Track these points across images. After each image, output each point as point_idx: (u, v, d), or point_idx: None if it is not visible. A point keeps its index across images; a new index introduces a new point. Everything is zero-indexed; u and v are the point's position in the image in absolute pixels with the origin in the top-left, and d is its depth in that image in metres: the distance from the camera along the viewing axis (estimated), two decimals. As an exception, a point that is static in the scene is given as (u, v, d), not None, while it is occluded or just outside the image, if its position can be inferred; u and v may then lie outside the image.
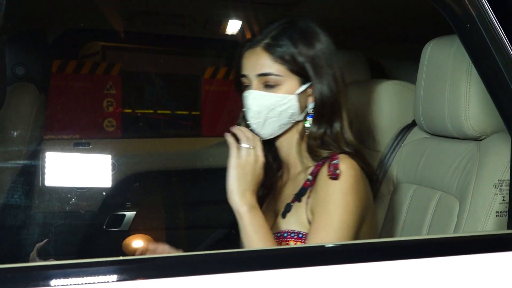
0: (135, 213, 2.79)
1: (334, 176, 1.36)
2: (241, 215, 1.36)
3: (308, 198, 1.44)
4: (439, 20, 1.32)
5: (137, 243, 1.81)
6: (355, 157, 1.42)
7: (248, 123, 1.48)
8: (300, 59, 1.43)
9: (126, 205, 2.79)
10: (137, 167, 2.87)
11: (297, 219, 1.46)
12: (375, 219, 1.53)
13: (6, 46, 2.21)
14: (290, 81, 1.44)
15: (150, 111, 4.54)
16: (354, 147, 1.46)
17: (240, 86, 1.52)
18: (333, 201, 1.36)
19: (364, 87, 2.15)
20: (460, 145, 1.66)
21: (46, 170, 1.87)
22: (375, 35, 2.62)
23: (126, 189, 2.80)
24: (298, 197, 1.47)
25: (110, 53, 4.30)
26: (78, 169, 1.90)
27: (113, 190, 2.72)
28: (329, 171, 1.37)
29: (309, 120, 1.48)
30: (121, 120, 4.05)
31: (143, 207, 2.80)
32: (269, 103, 1.44)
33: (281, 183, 1.62)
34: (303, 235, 1.42)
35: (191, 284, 0.96)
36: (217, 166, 2.99)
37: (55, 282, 0.91)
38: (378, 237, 1.91)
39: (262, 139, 1.47)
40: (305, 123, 1.49)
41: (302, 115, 1.49)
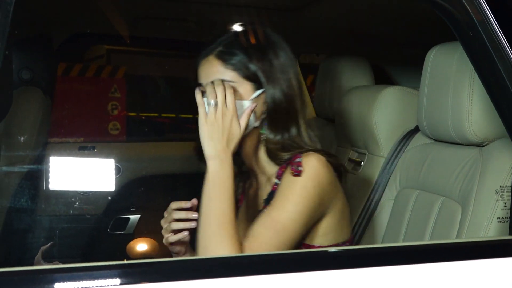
0: (139, 216, 2.80)
1: (297, 173, 1.35)
2: (208, 167, 1.36)
3: None
4: (442, 27, 1.33)
5: (141, 246, 1.83)
6: (319, 151, 1.41)
7: None
8: (252, 65, 1.43)
9: (130, 208, 2.80)
10: (141, 170, 2.88)
11: None
12: (347, 209, 1.50)
13: (12, 50, 2.23)
14: (244, 87, 1.43)
15: (155, 114, 4.55)
16: (314, 147, 1.45)
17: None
18: (290, 193, 1.34)
19: (367, 93, 2.15)
20: (462, 151, 1.66)
21: (51, 173, 1.88)
22: (379, 41, 2.62)
23: (130, 193, 2.81)
24: (268, 202, 1.44)
25: (115, 56, 4.31)
26: (83, 173, 1.91)
27: (117, 194, 2.73)
28: (292, 169, 1.37)
29: (266, 126, 1.47)
30: (126, 123, 4.06)
31: (147, 211, 2.80)
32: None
33: (251, 191, 1.61)
34: None
35: (194, 288, 0.97)
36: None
37: (60, 285, 0.92)
38: (382, 242, 1.92)
39: None
40: (262, 130, 1.48)
41: (258, 121, 1.47)
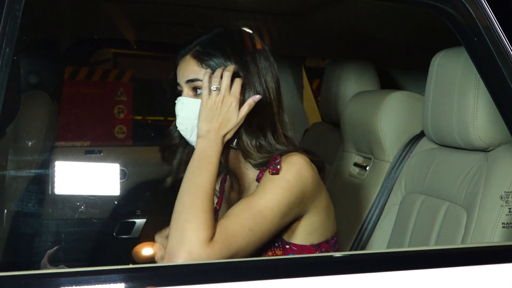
0: (145, 220, 2.80)
1: (275, 171, 1.32)
2: (196, 145, 1.34)
3: None
4: (448, 32, 1.33)
5: (147, 250, 1.82)
6: (299, 151, 1.38)
7: (177, 130, 1.46)
8: (226, 65, 1.40)
9: (136, 212, 2.81)
10: (147, 174, 2.88)
11: None
12: (330, 205, 1.45)
13: (20, 55, 2.24)
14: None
15: (161, 117, 4.56)
16: (291, 144, 1.43)
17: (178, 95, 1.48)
18: (271, 184, 1.31)
19: (373, 97, 2.15)
20: (468, 156, 1.66)
21: (57, 177, 1.89)
22: (385, 45, 2.63)
23: (136, 197, 2.82)
24: None
25: (122, 60, 4.33)
26: (89, 177, 1.92)
27: (123, 198, 2.74)
28: (270, 168, 1.33)
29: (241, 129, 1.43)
30: (132, 127, 4.07)
31: (153, 215, 2.81)
32: (195, 108, 1.39)
33: (233, 195, 1.58)
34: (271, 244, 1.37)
35: (200, 293, 0.97)
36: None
37: (66, 289, 0.93)
38: (387, 247, 1.92)
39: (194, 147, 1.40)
40: None
41: None
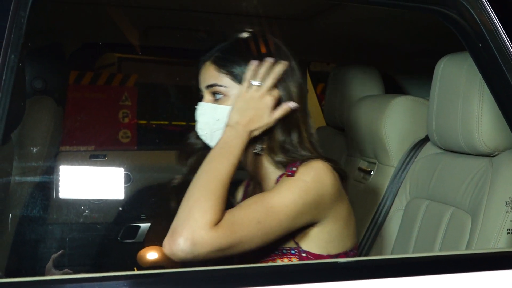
0: (149, 225, 2.80)
1: (290, 173, 1.31)
2: (222, 134, 1.34)
3: None
4: (452, 37, 1.33)
5: (151, 255, 1.83)
6: (322, 158, 1.37)
7: (197, 135, 1.46)
8: (245, 70, 1.39)
9: (140, 217, 2.81)
10: (151, 179, 2.88)
11: None
12: (351, 217, 1.43)
13: (25, 60, 2.25)
14: (237, 92, 1.40)
15: (165, 122, 4.56)
16: (315, 152, 1.41)
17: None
18: (288, 182, 1.30)
19: (377, 102, 2.16)
20: (473, 161, 1.66)
21: (62, 182, 1.90)
22: (389, 50, 2.62)
23: (141, 201, 2.82)
24: None
25: (126, 64, 4.34)
26: (94, 181, 1.93)
27: (128, 202, 2.74)
28: (287, 171, 1.33)
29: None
30: (136, 131, 4.08)
31: (157, 219, 2.81)
32: (214, 114, 1.40)
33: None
34: (287, 250, 1.36)
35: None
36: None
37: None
38: (391, 252, 1.91)
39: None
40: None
41: None
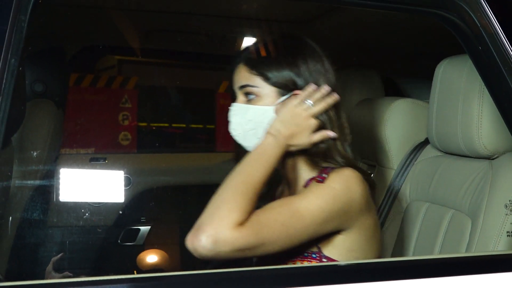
0: (149, 227, 2.80)
1: (320, 179, 1.33)
2: (262, 140, 1.35)
3: None
4: (452, 39, 1.33)
5: (151, 258, 1.84)
6: (353, 167, 1.37)
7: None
8: (276, 71, 1.41)
9: (140, 219, 2.81)
10: (151, 182, 2.88)
11: None
12: (378, 229, 1.44)
13: (25, 64, 2.26)
14: (269, 92, 1.42)
15: (165, 124, 4.56)
16: (348, 160, 1.41)
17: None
18: (317, 188, 1.31)
19: (377, 105, 2.16)
20: (473, 164, 1.66)
21: (62, 185, 1.90)
22: (389, 53, 2.63)
23: (141, 204, 2.82)
24: None
25: (126, 66, 4.34)
26: (94, 184, 1.93)
27: (128, 205, 2.74)
28: (318, 176, 1.35)
29: None
30: (137, 134, 4.08)
31: (157, 222, 2.81)
32: (246, 114, 1.43)
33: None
34: (308, 254, 1.37)
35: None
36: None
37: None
38: (391, 255, 1.91)
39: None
40: None
41: None
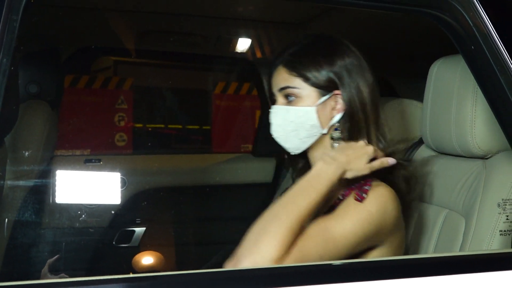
0: (144, 229, 2.80)
1: (359, 198, 1.33)
2: (316, 165, 1.34)
3: None
4: (446, 40, 1.34)
5: (147, 259, 1.83)
6: (390, 184, 1.39)
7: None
8: (317, 72, 1.43)
9: (136, 221, 2.81)
10: (146, 183, 2.88)
11: None
12: (402, 246, 1.47)
13: (19, 65, 2.25)
14: (309, 93, 1.44)
15: (161, 125, 4.56)
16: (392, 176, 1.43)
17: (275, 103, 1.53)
18: (353, 211, 1.31)
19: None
20: (466, 163, 1.66)
21: (57, 186, 1.89)
22: (383, 53, 2.63)
23: (136, 205, 2.82)
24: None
25: (122, 67, 4.34)
26: (89, 186, 1.92)
27: (123, 206, 2.74)
28: (356, 193, 1.35)
29: (335, 133, 1.47)
30: (132, 135, 4.08)
31: (152, 223, 2.81)
32: (287, 116, 1.45)
33: None
34: None
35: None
36: (226, 183, 3.02)
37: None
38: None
39: (291, 154, 1.51)
40: (330, 136, 1.48)
41: (326, 128, 1.47)
